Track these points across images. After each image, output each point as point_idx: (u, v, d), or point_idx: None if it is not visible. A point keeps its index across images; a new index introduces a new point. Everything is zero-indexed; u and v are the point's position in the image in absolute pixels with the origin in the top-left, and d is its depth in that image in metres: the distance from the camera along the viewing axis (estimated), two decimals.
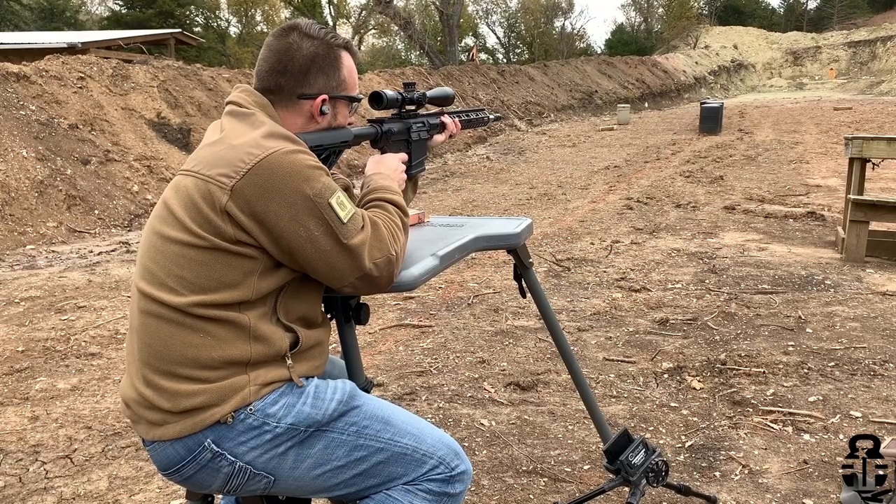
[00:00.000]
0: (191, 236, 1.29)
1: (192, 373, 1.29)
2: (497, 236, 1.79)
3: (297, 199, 1.28)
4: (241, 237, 1.28)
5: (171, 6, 34.71)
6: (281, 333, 1.34)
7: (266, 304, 1.34)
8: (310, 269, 1.33)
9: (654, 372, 3.33)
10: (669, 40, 48.58)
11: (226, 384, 1.29)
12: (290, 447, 1.33)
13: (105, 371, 3.55)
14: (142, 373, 1.33)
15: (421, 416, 2.93)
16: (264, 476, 1.33)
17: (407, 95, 1.69)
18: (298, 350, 1.36)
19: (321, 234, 1.29)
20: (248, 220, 1.27)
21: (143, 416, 1.33)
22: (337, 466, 1.36)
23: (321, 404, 1.35)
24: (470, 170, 11.87)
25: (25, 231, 6.86)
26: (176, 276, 1.30)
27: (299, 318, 1.38)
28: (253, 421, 1.30)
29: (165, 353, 1.30)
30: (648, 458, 2.01)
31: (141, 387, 1.32)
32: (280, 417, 1.32)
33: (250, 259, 1.30)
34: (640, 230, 6.56)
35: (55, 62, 9.84)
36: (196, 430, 1.29)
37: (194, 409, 1.29)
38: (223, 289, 1.29)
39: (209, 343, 1.29)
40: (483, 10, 53.57)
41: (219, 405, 1.29)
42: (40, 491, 2.45)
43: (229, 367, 1.30)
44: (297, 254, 1.30)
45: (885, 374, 3.21)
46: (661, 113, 26.14)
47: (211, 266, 1.28)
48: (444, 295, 4.73)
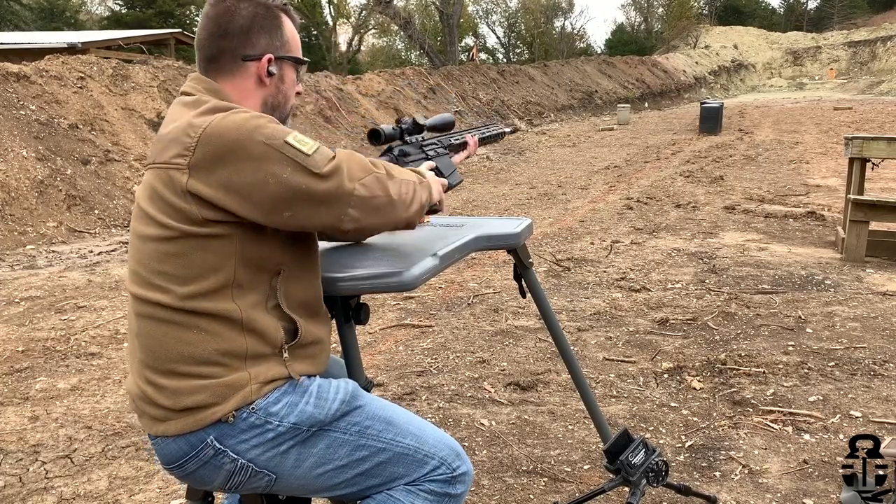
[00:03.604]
0: (162, 229, 1.28)
1: (191, 369, 1.29)
2: (497, 236, 1.79)
3: (254, 150, 1.24)
4: (210, 215, 1.25)
5: (171, 6, 34.69)
6: (275, 324, 1.33)
7: (258, 291, 1.32)
8: (300, 219, 1.29)
9: (654, 372, 3.34)
10: (669, 40, 48.60)
11: (226, 381, 1.29)
12: (293, 446, 1.33)
13: (105, 371, 3.55)
14: (142, 372, 1.33)
15: (421, 416, 2.93)
16: (266, 474, 1.33)
17: (404, 127, 1.70)
18: (297, 343, 1.35)
19: (290, 173, 1.25)
20: (214, 193, 1.24)
21: (146, 411, 1.34)
22: (339, 466, 1.36)
23: (324, 404, 1.35)
24: (470, 170, 11.87)
25: (25, 231, 6.86)
26: (159, 272, 1.29)
27: (300, 304, 1.38)
28: (255, 420, 1.30)
29: (163, 353, 1.30)
30: (648, 458, 2.01)
31: (143, 384, 1.33)
32: (282, 416, 1.31)
33: (225, 238, 1.27)
34: (640, 230, 6.56)
35: (55, 62, 9.84)
36: (197, 428, 1.29)
37: (196, 408, 1.29)
38: (206, 275, 1.27)
39: (204, 339, 1.28)
40: (483, 10, 53.64)
41: (220, 403, 1.29)
42: (40, 491, 2.45)
43: (227, 362, 1.30)
44: (279, 206, 1.26)
45: (885, 374, 3.21)
46: (661, 113, 26.14)
47: (188, 255, 1.27)
48: (444, 295, 4.73)
